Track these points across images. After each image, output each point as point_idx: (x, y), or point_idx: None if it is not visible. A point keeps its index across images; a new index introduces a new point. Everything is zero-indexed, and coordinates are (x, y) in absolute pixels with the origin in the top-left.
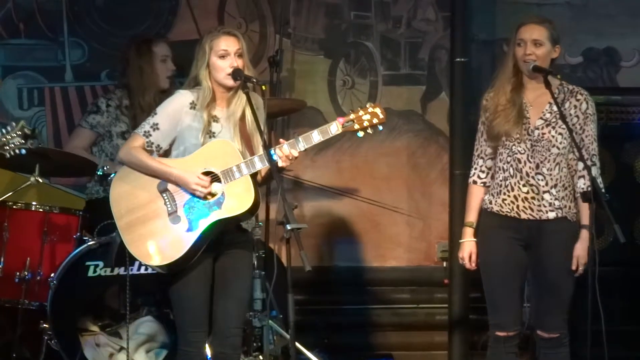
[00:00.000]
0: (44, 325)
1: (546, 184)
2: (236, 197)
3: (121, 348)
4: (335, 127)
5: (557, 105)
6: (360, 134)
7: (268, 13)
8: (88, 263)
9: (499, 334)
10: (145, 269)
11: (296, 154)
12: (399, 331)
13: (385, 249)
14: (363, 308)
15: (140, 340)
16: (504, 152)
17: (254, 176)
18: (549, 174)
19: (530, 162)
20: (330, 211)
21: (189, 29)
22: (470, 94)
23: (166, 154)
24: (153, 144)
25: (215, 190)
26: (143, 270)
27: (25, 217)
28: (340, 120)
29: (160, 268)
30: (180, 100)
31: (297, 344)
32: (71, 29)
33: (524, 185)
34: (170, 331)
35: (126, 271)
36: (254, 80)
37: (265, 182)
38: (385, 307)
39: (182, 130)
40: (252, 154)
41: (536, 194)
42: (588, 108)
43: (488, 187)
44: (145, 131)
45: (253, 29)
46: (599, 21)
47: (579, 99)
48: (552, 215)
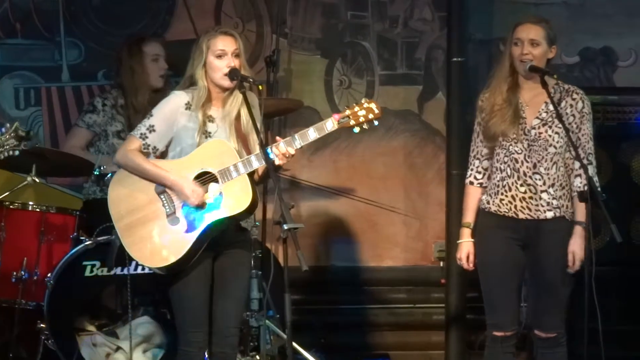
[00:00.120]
0: (41, 325)
1: (544, 184)
2: (234, 197)
3: (118, 348)
4: (331, 124)
5: (554, 104)
6: (356, 129)
7: (265, 13)
8: (85, 263)
9: (496, 333)
10: (142, 269)
11: (293, 152)
12: (396, 331)
13: (382, 249)
14: (360, 308)
15: (138, 340)
16: (501, 152)
17: (251, 175)
18: (547, 174)
19: (527, 162)
20: (327, 211)
21: (185, 29)
22: (466, 94)
23: (163, 154)
24: (149, 145)
25: (211, 194)
26: (140, 270)
27: (22, 217)
28: (336, 116)
29: (160, 270)
30: (175, 101)
31: (294, 344)
32: (68, 29)
33: (521, 185)
34: (168, 331)
35: (123, 271)
36: (251, 80)
37: (262, 181)
38: (382, 307)
39: (178, 131)
40: (249, 154)
41: (534, 194)
42: (584, 107)
43: (485, 188)
44: (141, 133)
45: (250, 28)
46: (596, 21)
47: (574, 98)
48: (550, 214)
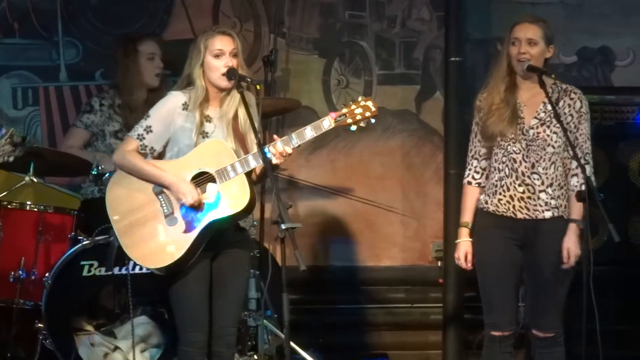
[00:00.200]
0: (39, 324)
1: (542, 184)
2: (232, 197)
3: (116, 347)
4: (327, 122)
5: (552, 104)
6: (353, 128)
7: (262, 12)
8: (83, 262)
9: (494, 333)
10: (140, 268)
11: (290, 151)
12: (394, 330)
13: (379, 249)
14: (358, 307)
15: (135, 340)
16: (499, 152)
17: (248, 175)
18: (545, 173)
19: (525, 162)
20: (325, 211)
21: (183, 28)
22: (464, 94)
23: (161, 155)
24: (147, 146)
25: (208, 195)
26: (138, 270)
27: (19, 217)
28: (333, 115)
29: (158, 270)
30: (172, 101)
31: (292, 344)
32: (65, 29)
33: (519, 185)
34: (165, 331)
35: (121, 271)
36: (249, 79)
37: (260, 181)
38: (380, 307)
39: (175, 132)
40: (246, 153)
41: (532, 194)
42: (582, 107)
43: (483, 188)
44: (138, 134)
45: (247, 28)
46: (594, 20)
47: (572, 98)
48: (549, 214)
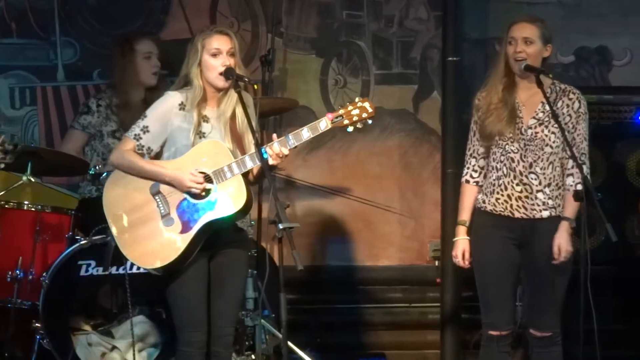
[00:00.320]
0: (36, 324)
1: (539, 183)
2: (228, 197)
3: (113, 347)
4: (324, 123)
5: (549, 104)
6: (350, 129)
7: (260, 12)
8: (80, 262)
9: (491, 333)
10: (138, 268)
11: (286, 152)
12: (392, 330)
13: (377, 248)
14: (355, 307)
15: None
16: (497, 152)
17: (245, 175)
18: (542, 173)
19: (523, 162)
20: (323, 210)
21: (181, 28)
22: (462, 93)
23: (158, 155)
24: (144, 146)
25: (209, 186)
26: (135, 270)
27: (17, 217)
28: (330, 116)
29: (155, 270)
30: (169, 101)
31: (289, 343)
32: (63, 28)
33: (517, 185)
34: (163, 330)
35: (118, 271)
36: (246, 79)
37: (257, 181)
38: (378, 306)
39: (173, 132)
40: (244, 153)
41: (529, 193)
42: (580, 107)
43: (481, 187)
44: (135, 134)
45: (245, 28)
46: (591, 20)
47: (571, 98)
48: (546, 214)
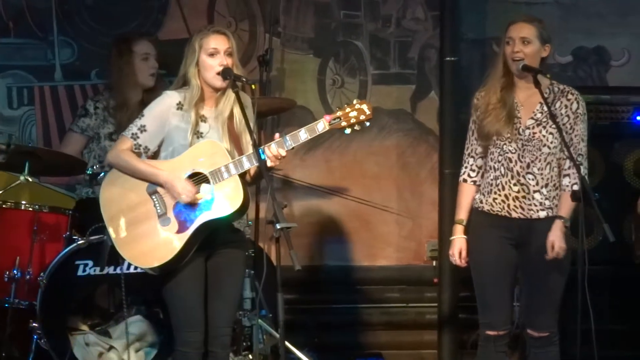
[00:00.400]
0: (34, 324)
1: (537, 184)
2: (225, 198)
3: (110, 347)
4: (322, 125)
5: (547, 104)
6: (348, 130)
7: (258, 12)
8: (77, 262)
9: (489, 333)
10: (135, 268)
11: (284, 153)
12: (389, 330)
13: (375, 248)
14: (353, 307)
15: (130, 339)
16: (495, 151)
17: (242, 176)
18: (540, 174)
19: (520, 162)
20: (320, 210)
21: (178, 28)
22: (459, 93)
23: (155, 155)
24: (141, 146)
25: (202, 194)
26: (132, 270)
27: (14, 216)
28: (327, 117)
29: (152, 270)
30: (166, 101)
31: (287, 343)
32: (61, 28)
33: (514, 185)
34: (160, 330)
35: (116, 271)
36: (244, 79)
37: (255, 182)
38: (375, 306)
39: (170, 131)
40: (241, 154)
41: (527, 193)
42: (579, 108)
43: (478, 186)
44: (132, 133)
45: (243, 28)
46: (589, 20)
47: (569, 99)
48: (543, 214)
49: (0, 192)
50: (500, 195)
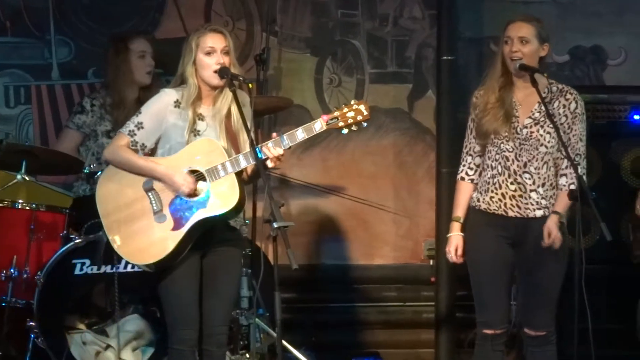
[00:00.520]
0: (31, 323)
1: (533, 183)
2: (221, 196)
3: (107, 346)
4: (319, 125)
5: (544, 103)
6: (345, 131)
7: (255, 11)
8: (75, 261)
9: (486, 331)
10: (132, 267)
11: (281, 152)
12: (386, 329)
13: (372, 247)
14: (350, 306)
15: (127, 338)
16: (493, 150)
17: (239, 174)
18: (537, 173)
19: (517, 161)
20: (317, 209)
21: (175, 27)
22: (457, 92)
23: (152, 152)
24: (138, 142)
25: (200, 189)
26: (130, 268)
27: (11, 215)
28: (325, 117)
29: (147, 267)
30: (164, 99)
31: (284, 342)
32: (58, 27)
33: (511, 183)
34: (157, 329)
35: (113, 269)
36: (241, 78)
37: (252, 180)
38: (372, 305)
39: (167, 129)
40: (238, 152)
41: (523, 192)
42: (577, 108)
43: (476, 184)
44: (130, 130)
45: (240, 27)
46: (586, 19)
47: (568, 99)
48: (539, 213)
49: None
50: (497, 194)
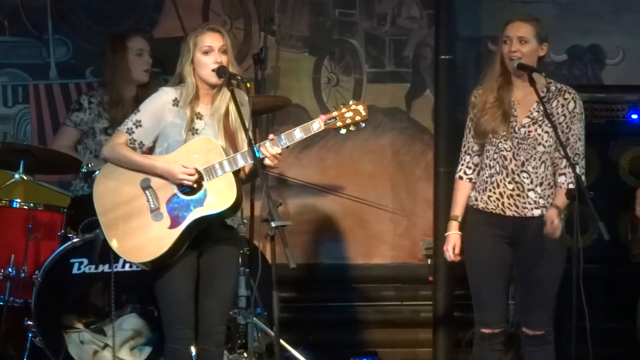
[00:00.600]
0: (29, 322)
1: (531, 182)
2: (218, 195)
3: (105, 345)
4: (317, 125)
5: (542, 103)
6: (343, 131)
7: (253, 11)
8: (72, 260)
9: (484, 331)
10: (130, 266)
11: (279, 151)
12: (384, 328)
13: (370, 247)
14: (348, 305)
15: (125, 337)
16: (491, 149)
17: (237, 173)
18: (534, 172)
19: (515, 160)
20: (315, 208)
21: (173, 26)
22: (454, 91)
23: (150, 151)
24: (136, 141)
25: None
26: (127, 267)
27: (9, 214)
28: (323, 117)
29: (144, 265)
30: (162, 97)
31: (282, 342)
32: (56, 26)
33: (509, 183)
34: (154, 328)
35: (110, 268)
36: (239, 77)
37: (249, 180)
38: (370, 305)
39: (165, 127)
40: (236, 151)
41: (521, 192)
42: (575, 107)
43: (474, 184)
44: (128, 128)
45: (238, 26)
46: (584, 19)
47: (566, 98)
48: (537, 212)
49: None
50: (495, 193)
